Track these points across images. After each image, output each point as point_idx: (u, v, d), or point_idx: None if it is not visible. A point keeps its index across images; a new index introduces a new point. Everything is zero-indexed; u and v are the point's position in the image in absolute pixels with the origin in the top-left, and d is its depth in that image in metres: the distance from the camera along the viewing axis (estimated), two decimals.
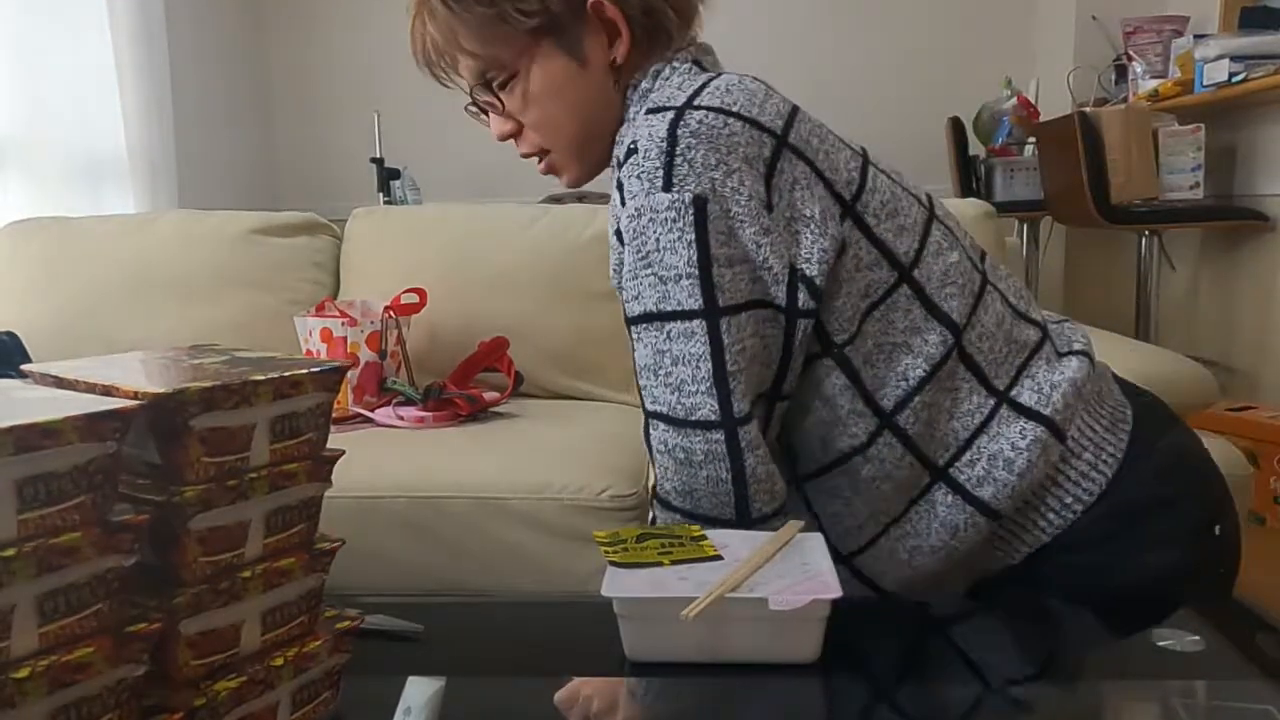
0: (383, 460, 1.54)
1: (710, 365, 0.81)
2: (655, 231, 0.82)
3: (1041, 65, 3.95)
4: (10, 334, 1.89)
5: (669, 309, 0.82)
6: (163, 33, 3.10)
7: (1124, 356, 1.75)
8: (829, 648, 0.70)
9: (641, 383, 0.86)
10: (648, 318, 0.84)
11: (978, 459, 0.87)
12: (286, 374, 0.55)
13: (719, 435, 0.82)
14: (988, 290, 0.91)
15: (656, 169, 0.82)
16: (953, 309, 0.88)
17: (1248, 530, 1.71)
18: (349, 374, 1.86)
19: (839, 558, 0.90)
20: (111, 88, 2.93)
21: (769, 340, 0.84)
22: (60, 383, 0.53)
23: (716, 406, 0.81)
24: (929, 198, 0.95)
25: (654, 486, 0.88)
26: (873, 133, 4.42)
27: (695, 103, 0.84)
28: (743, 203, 0.82)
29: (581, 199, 3.28)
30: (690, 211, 0.81)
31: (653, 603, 0.69)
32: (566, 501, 1.40)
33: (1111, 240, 3.63)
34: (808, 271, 0.84)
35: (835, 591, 0.69)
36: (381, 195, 3.47)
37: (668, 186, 0.82)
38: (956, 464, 0.88)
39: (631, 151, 0.84)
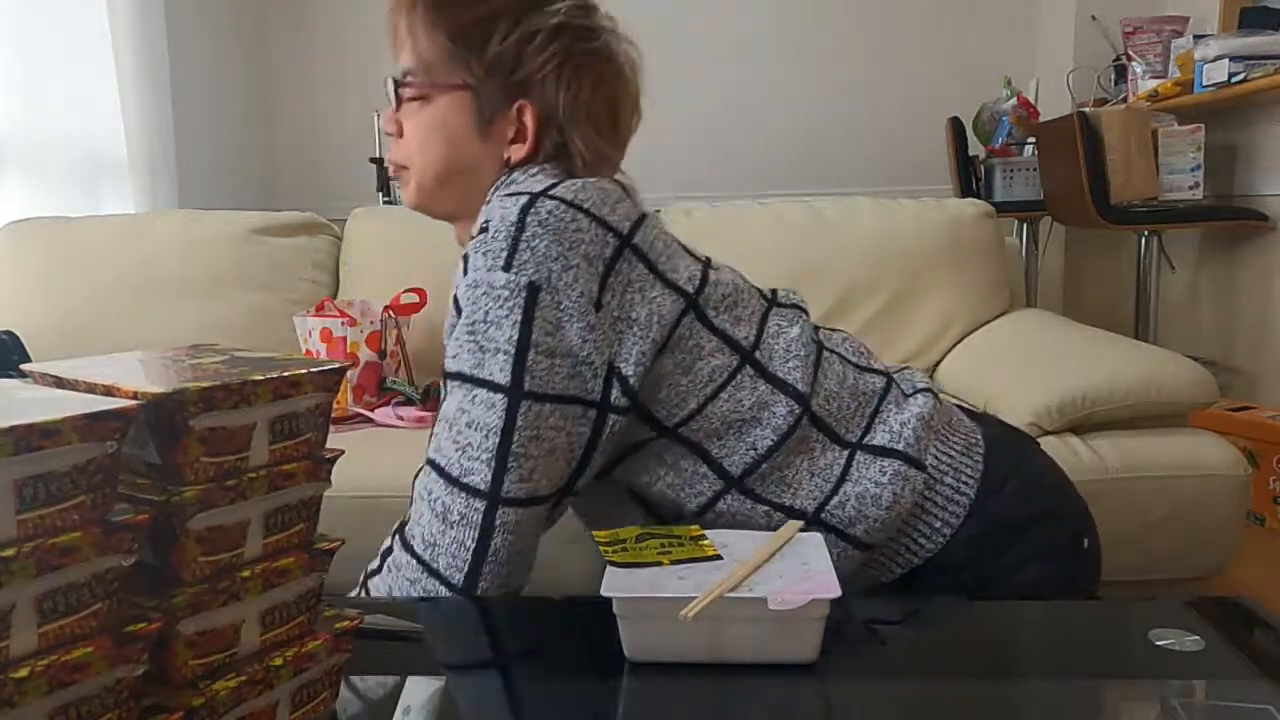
0: (382, 460, 1.54)
1: (497, 440, 0.85)
2: (487, 304, 0.86)
3: (1041, 65, 3.95)
4: (10, 334, 1.89)
5: (480, 376, 0.86)
6: (163, 33, 3.10)
7: (1124, 356, 1.75)
8: (829, 648, 0.70)
9: (436, 429, 0.89)
10: (460, 377, 0.88)
11: (846, 500, 0.93)
12: (286, 374, 0.55)
13: (480, 505, 0.85)
14: (824, 356, 0.98)
15: (501, 250, 0.87)
16: (797, 380, 0.94)
17: (1248, 530, 1.71)
18: (349, 374, 1.86)
19: None
20: (111, 88, 2.93)
21: (575, 438, 0.88)
22: (60, 383, 0.53)
23: (489, 478, 0.85)
24: (774, 291, 1.03)
25: (401, 522, 0.91)
26: (873, 133, 4.45)
27: (550, 193, 0.88)
28: (574, 297, 0.87)
29: None
30: (523, 294, 0.86)
31: (652, 603, 0.70)
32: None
33: (1111, 240, 3.63)
34: (624, 370, 0.88)
35: (835, 591, 0.69)
36: (381, 195, 3.47)
37: (508, 267, 0.86)
38: (827, 507, 0.93)
39: (483, 230, 0.89)
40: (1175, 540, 1.57)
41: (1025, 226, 3.60)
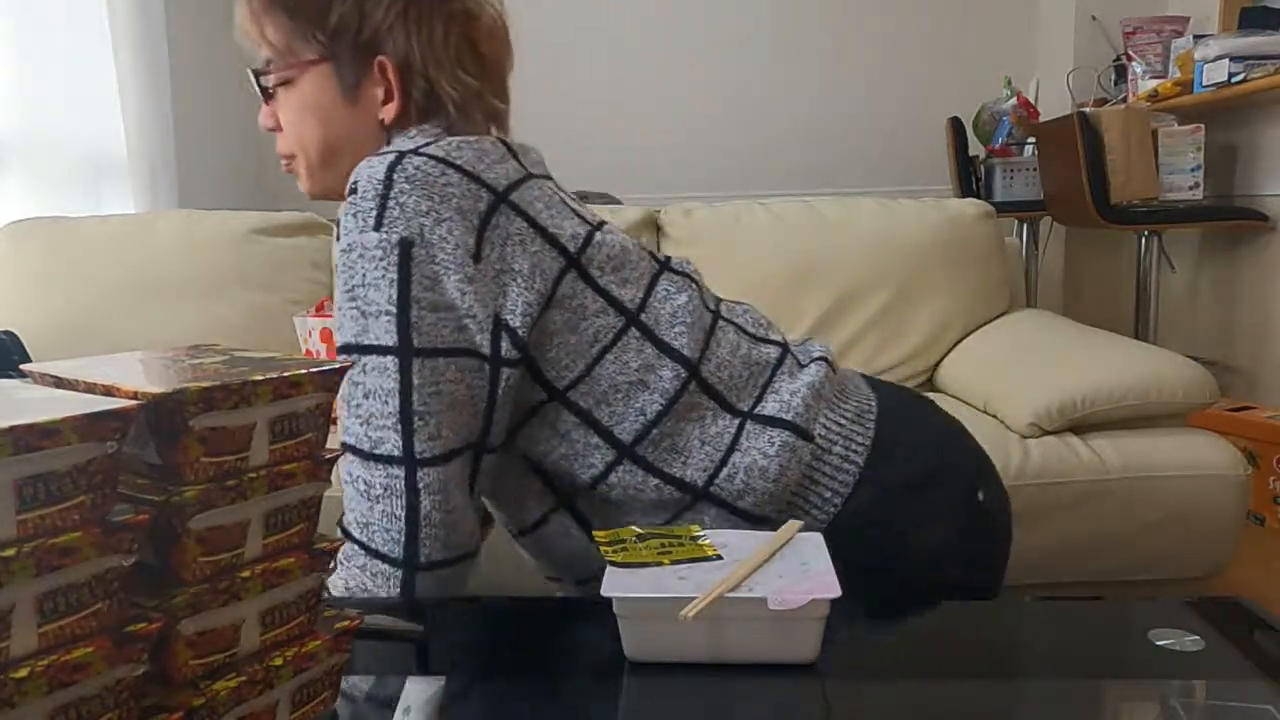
0: None
1: (398, 402, 0.84)
2: (362, 267, 0.85)
3: (1041, 65, 3.95)
4: (10, 334, 1.89)
5: (366, 343, 0.85)
6: (163, 32, 3.10)
7: (1124, 356, 1.75)
8: (829, 648, 0.70)
9: (339, 413, 0.88)
10: (347, 349, 0.87)
11: (735, 473, 0.93)
12: (286, 374, 0.55)
13: (399, 471, 0.84)
14: (719, 326, 0.98)
15: (371, 209, 0.85)
16: (683, 345, 0.93)
17: (1248, 530, 1.71)
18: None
19: None
20: (111, 88, 2.93)
21: (475, 390, 0.87)
22: (60, 383, 0.53)
23: (400, 443, 0.84)
24: (667, 257, 1.02)
25: (342, 515, 0.90)
26: (873, 133, 4.45)
27: (420, 150, 0.87)
28: (449, 250, 0.85)
29: (582, 198, 3.28)
30: (396, 252, 0.85)
31: (652, 603, 0.70)
32: None
33: (1111, 240, 3.63)
34: (511, 322, 0.87)
35: (835, 591, 0.69)
36: None
37: (378, 226, 0.85)
38: (716, 481, 0.93)
39: (353, 190, 0.88)
40: (1175, 540, 1.58)
41: (1025, 226, 3.60)
